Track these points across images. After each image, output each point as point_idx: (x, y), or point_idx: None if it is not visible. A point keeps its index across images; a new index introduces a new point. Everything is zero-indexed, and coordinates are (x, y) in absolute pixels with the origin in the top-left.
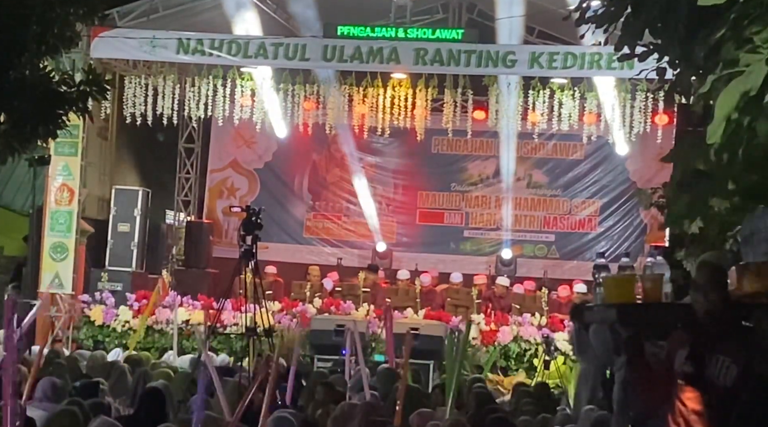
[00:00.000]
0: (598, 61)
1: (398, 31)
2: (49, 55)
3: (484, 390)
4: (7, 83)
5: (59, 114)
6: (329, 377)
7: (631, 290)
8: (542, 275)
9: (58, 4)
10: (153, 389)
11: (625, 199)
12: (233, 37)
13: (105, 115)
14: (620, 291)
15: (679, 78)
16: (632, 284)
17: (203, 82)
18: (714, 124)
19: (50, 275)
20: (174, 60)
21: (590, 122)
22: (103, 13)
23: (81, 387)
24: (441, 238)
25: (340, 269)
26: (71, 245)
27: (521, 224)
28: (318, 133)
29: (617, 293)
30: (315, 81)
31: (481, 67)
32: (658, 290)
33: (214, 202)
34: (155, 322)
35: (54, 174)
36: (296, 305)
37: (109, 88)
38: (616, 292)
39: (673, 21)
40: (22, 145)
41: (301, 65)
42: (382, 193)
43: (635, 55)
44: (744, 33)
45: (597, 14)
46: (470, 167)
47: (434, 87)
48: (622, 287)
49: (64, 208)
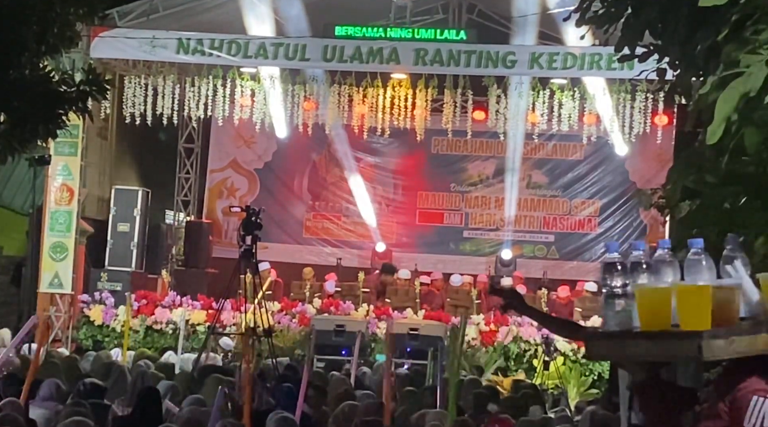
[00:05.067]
0: (598, 61)
1: (399, 31)
2: (49, 55)
3: (484, 391)
4: (7, 83)
5: (59, 114)
6: (331, 378)
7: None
8: (542, 276)
9: (58, 4)
10: (149, 389)
11: (625, 200)
12: (233, 37)
13: (105, 115)
14: (658, 309)
15: (679, 79)
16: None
17: (203, 82)
18: (714, 124)
19: (50, 275)
20: (174, 60)
21: (590, 123)
22: (103, 13)
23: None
24: (441, 238)
25: (339, 269)
26: (71, 245)
27: (521, 225)
28: (318, 133)
29: (654, 313)
30: (315, 80)
31: (481, 68)
32: (734, 308)
33: (214, 202)
34: (155, 322)
35: (54, 174)
36: (296, 305)
37: (109, 88)
38: (653, 312)
39: (673, 21)
40: (22, 145)
41: (301, 65)
42: (382, 193)
43: (635, 55)
44: (744, 34)
45: (597, 15)
46: (470, 168)
47: (434, 87)
48: (662, 304)
49: (64, 208)
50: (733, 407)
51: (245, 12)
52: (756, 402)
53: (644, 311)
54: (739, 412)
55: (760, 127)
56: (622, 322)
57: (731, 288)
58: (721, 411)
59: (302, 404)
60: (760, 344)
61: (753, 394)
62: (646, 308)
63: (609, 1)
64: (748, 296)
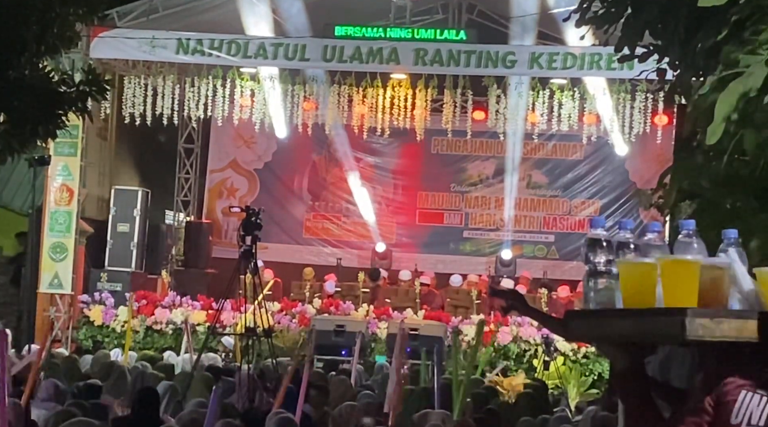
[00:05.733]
0: (597, 61)
1: (399, 31)
2: (48, 55)
3: (482, 391)
4: (7, 83)
5: (59, 114)
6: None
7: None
8: (542, 276)
9: (58, 4)
10: (147, 390)
11: (625, 200)
12: (233, 37)
13: (104, 115)
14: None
15: (679, 79)
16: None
17: (203, 83)
18: (713, 124)
19: (49, 276)
20: (174, 60)
21: (590, 123)
22: (103, 13)
23: (81, 389)
24: (441, 238)
25: (339, 269)
26: (71, 245)
27: (521, 225)
28: (317, 133)
29: (637, 290)
30: (315, 81)
31: (481, 68)
32: (723, 291)
33: (214, 202)
34: (155, 322)
35: (53, 174)
36: (296, 306)
37: (109, 89)
38: (636, 289)
39: (673, 22)
40: (21, 145)
41: (301, 65)
42: (382, 193)
43: (635, 56)
44: (744, 34)
45: (597, 15)
46: (470, 168)
47: (434, 87)
48: (646, 280)
49: (64, 208)
50: (719, 401)
51: (245, 12)
52: (744, 397)
53: (627, 287)
54: (726, 407)
55: (760, 128)
56: (603, 301)
57: (720, 268)
58: (707, 406)
59: (302, 404)
60: (748, 330)
61: (740, 388)
62: (628, 284)
63: (609, 1)
64: (740, 284)
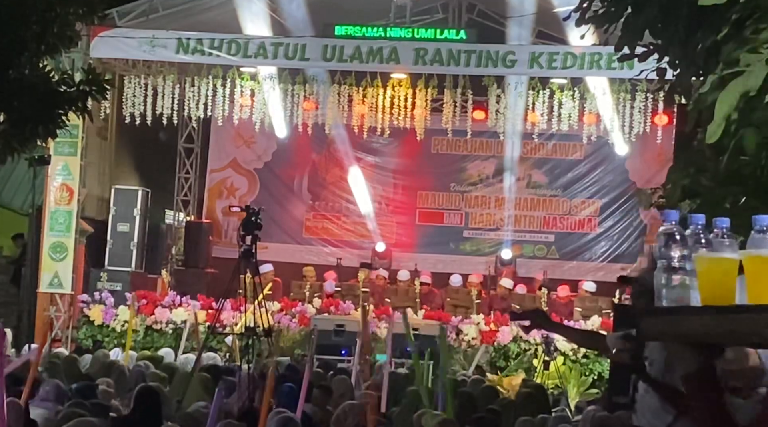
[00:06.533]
0: (598, 61)
1: (399, 31)
2: (48, 55)
3: (467, 390)
4: (7, 83)
5: (59, 114)
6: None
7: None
8: (542, 276)
9: (58, 4)
10: (147, 389)
11: (625, 200)
12: (233, 37)
13: (104, 115)
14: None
15: (679, 78)
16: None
17: (203, 82)
18: (713, 124)
19: (49, 275)
20: (174, 60)
21: (590, 122)
22: (103, 13)
23: (78, 389)
24: (440, 238)
25: (339, 269)
26: (71, 245)
27: (521, 224)
28: (317, 133)
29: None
30: (315, 80)
31: (481, 67)
32: None
33: (214, 202)
34: (155, 322)
35: (53, 174)
36: (296, 305)
37: (109, 88)
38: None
39: (673, 21)
40: (21, 145)
41: (301, 65)
42: (382, 193)
43: (635, 55)
44: (744, 33)
45: (597, 14)
46: (470, 167)
47: (434, 87)
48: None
49: (64, 208)
50: None
51: (245, 12)
52: None
53: (706, 284)
54: None
55: (760, 128)
56: (678, 298)
57: None
58: None
59: (303, 404)
60: None
61: None
62: (708, 280)
63: (609, 0)
64: None
